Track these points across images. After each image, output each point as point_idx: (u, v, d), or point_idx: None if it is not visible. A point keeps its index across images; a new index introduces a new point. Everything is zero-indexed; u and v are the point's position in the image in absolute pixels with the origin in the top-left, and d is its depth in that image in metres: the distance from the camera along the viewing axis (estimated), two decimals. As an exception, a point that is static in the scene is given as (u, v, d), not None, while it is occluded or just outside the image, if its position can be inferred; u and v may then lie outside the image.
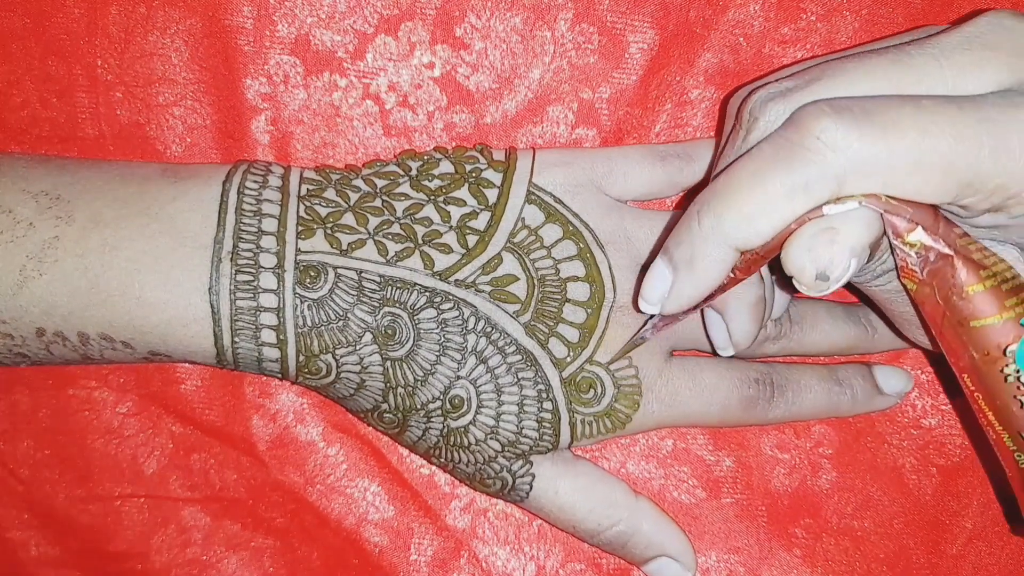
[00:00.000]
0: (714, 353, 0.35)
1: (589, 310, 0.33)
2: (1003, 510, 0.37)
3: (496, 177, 0.34)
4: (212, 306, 0.31)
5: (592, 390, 0.33)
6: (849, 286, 0.32)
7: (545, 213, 0.34)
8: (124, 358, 0.32)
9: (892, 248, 0.26)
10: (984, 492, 0.37)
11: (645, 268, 0.32)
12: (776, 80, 0.28)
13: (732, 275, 0.28)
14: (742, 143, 0.28)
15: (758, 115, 0.27)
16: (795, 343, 0.35)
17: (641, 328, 0.33)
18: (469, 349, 0.32)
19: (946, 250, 0.25)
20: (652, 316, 0.31)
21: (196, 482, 0.37)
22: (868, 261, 0.27)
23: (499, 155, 0.35)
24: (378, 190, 0.33)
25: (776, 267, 0.27)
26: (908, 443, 0.37)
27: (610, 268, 0.34)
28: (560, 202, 0.34)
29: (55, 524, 0.37)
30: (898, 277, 0.27)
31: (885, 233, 0.26)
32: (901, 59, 0.26)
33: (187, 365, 0.37)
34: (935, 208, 0.26)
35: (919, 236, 0.25)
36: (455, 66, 0.36)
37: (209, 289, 0.31)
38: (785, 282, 0.28)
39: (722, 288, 0.28)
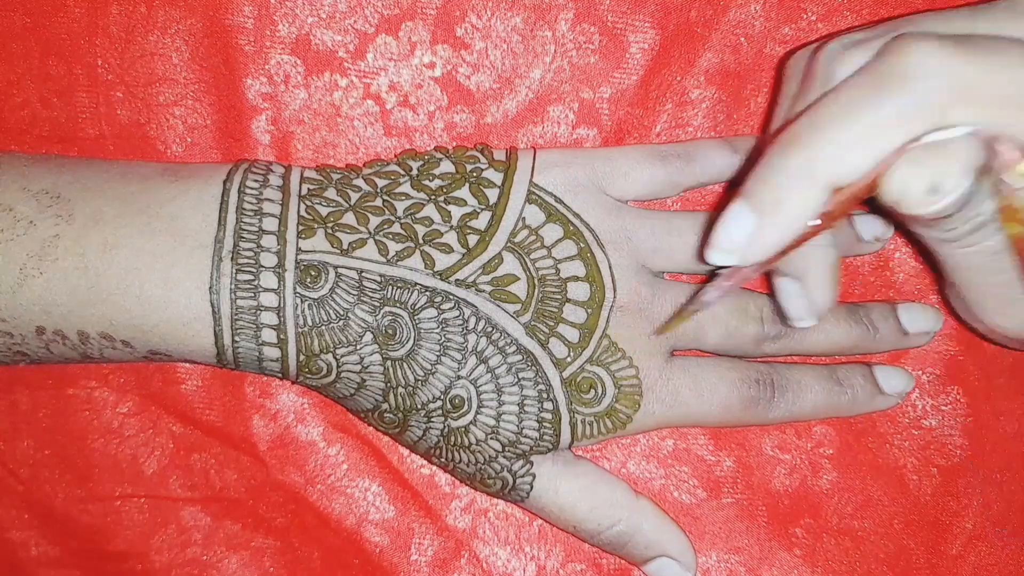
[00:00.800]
0: (714, 353, 0.35)
1: (589, 310, 0.33)
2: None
3: (497, 177, 0.34)
4: (212, 305, 0.31)
5: (593, 390, 0.33)
6: (927, 255, 0.30)
7: (546, 213, 0.34)
8: (124, 357, 0.32)
9: (996, 188, 0.24)
10: (984, 492, 0.37)
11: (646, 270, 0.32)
12: (844, 36, 0.27)
13: (817, 223, 0.26)
14: (821, 91, 0.26)
15: (836, 64, 0.26)
16: (796, 342, 0.35)
17: (699, 291, 0.30)
18: (470, 349, 0.32)
19: None
20: (711, 280, 0.29)
21: (196, 482, 0.37)
22: (968, 204, 0.25)
23: (500, 155, 0.35)
24: (379, 190, 0.33)
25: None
26: (909, 443, 0.37)
27: (610, 268, 0.34)
28: (561, 202, 0.34)
29: (55, 524, 0.37)
30: (1000, 221, 0.25)
31: (986, 172, 0.24)
32: (975, 14, 0.25)
33: (187, 365, 0.37)
34: None
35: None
36: (456, 66, 0.36)
37: (209, 288, 0.31)
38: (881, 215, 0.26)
39: (801, 240, 0.26)
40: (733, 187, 0.36)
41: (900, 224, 0.29)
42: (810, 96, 0.27)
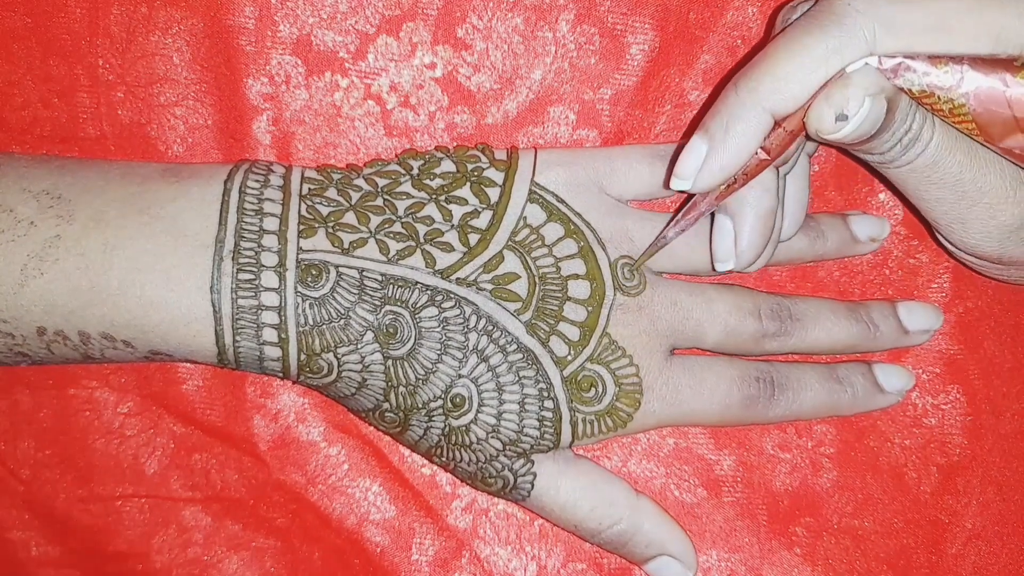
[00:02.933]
0: (714, 352, 0.35)
1: (590, 308, 0.33)
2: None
3: (498, 176, 0.34)
4: (213, 305, 0.31)
5: (593, 389, 0.33)
6: (890, 186, 0.33)
7: (547, 212, 0.34)
8: (125, 357, 0.32)
9: (932, 95, 0.27)
10: (984, 492, 0.37)
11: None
12: None
13: (762, 155, 0.29)
14: None
15: (790, 15, 0.30)
16: (797, 340, 0.35)
17: (664, 228, 0.33)
18: (470, 348, 0.32)
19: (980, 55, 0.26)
20: (674, 218, 0.32)
21: (197, 482, 0.37)
22: (888, 120, 0.28)
23: (500, 154, 0.35)
24: (379, 189, 0.34)
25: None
26: (909, 442, 0.37)
27: (611, 266, 0.34)
28: (562, 201, 0.34)
29: (56, 524, 0.37)
30: (950, 124, 0.28)
31: (906, 91, 0.27)
32: None
33: (188, 365, 0.37)
34: None
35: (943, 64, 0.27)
36: (456, 66, 0.36)
37: (210, 288, 0.31)
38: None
39: (748, 174, 0.30)
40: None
41: (860, 160, 0.32)
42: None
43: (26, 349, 0.32)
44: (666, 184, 0.32)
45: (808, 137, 0.29)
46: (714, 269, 0.33)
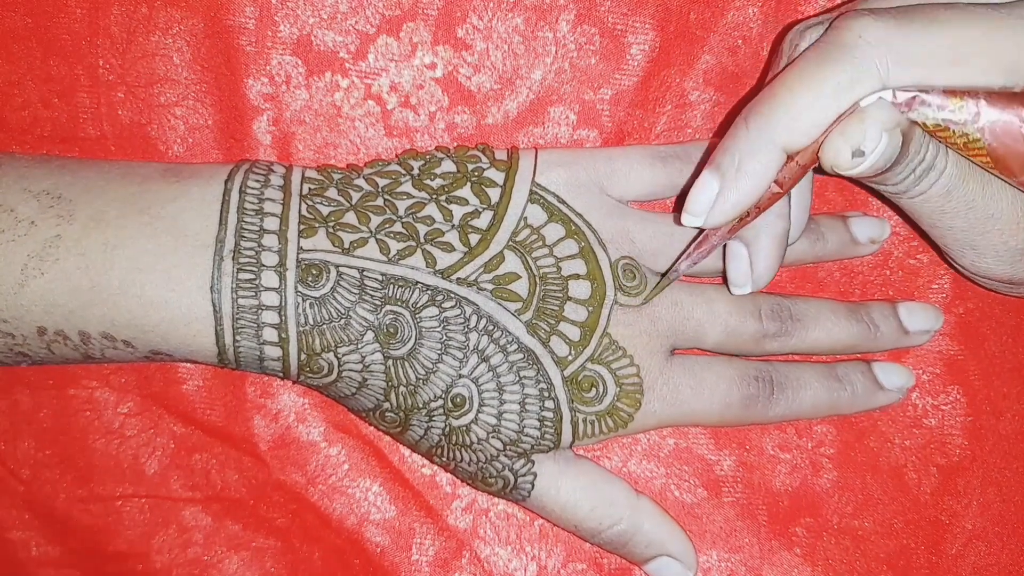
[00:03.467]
0: (714, 352, 0.35)
1: (590, 308, 0.33)
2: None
3: (498, 176, 0.34)
4: (214, 304, 0.31)
5: (594, 389, 0.33)
6: (902, 213, 0.33)
7: (547, 212, 0.34)
8: (125, 357, 0.32)
9: (946, 129, 0.27)
10: (984, 492, 0.37)
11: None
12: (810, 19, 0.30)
13: (775, 188, 0.29)
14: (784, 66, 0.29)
15: (799, 41, 0.29)
16: (797, 340, 0.35)
17: (676, 261, 0.33)
18: (471, 348, 0.32)
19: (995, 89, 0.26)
20: (686, 251, 0.32)
21: (197, 482, 0.37)
22: (903, 152, 0.28)
23: (501, 155, 0.35)
24: (380, 189, 0.34)
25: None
26: (909, 442, 0.37)
27: (611, 266, 0.34)
28: (563, 202, 0.34)
29: (56, 524, 0.37)
30: (965, 156, 0.28)
31: (919, 124, 0.27)
32: None
33: (188, 365, 0.37)
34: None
35: (957, 98, 0.26)
36: (457, 67, 0.36)
37: (211, 288, 0.31)
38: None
39: (760, 207, 0.29)
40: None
41: (871, 190, 0.32)
42: (775, 72, 0.30)
43: (26, 349, 0.32)
44: (677, 220, 0.32)
45: (821, 171, 0.29)
46: (731, 293, 0.33)
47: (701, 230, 0.32)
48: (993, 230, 0.30)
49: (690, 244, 0.33)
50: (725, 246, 0.33)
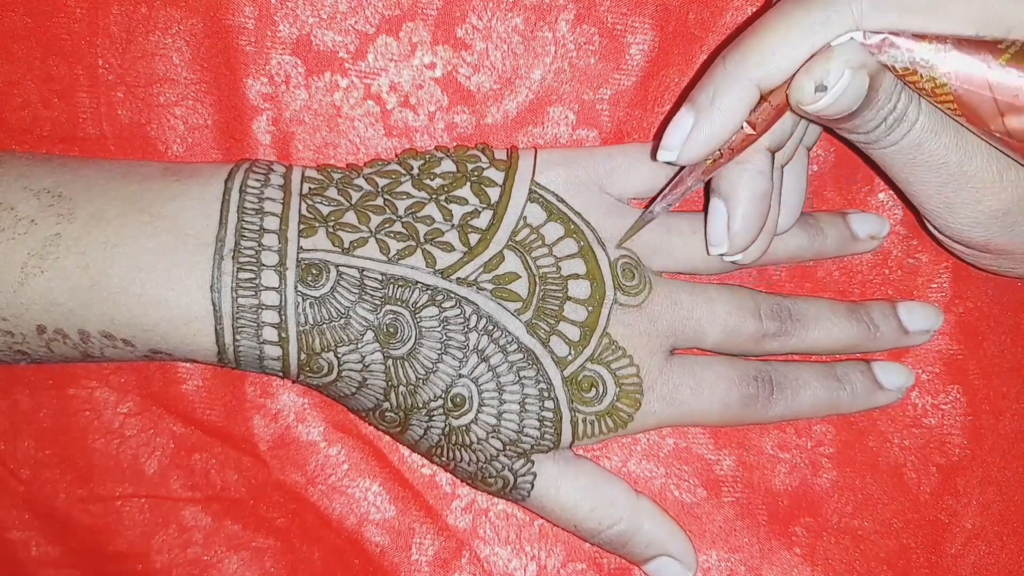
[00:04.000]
0: (714, 352, 0.35)
1: (590, 308, 0.33)
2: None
3: (498, 176, 0.34)
4: (214, 304, 0.31)
5: (593, 389, 0.33)
6: (881, 173, 0.33)
7: (547, 212, 0.34)
8: (125, 356, 0.32)
9: (914, 73, 0.27)
10: (984, 492, 0.37)
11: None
12: None
13: (748, 130, 0.29)
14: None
15: None
16: (797, 340, 0.35)
17: (651, 202, 0.33)
18: (471, 347, 0.32)
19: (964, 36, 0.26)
20: (661, 193, 0.33)
21: (197, 482, 0.37)
22: (872, 97, 0.28)
23: (500, 154, 0.35)
24: (380, 189, 0.34)
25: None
26: (909, 442, 0.37)
27: (611, 266, 0.34)
28: (562, 201, 0.34)
29: (56, 524, 0.37)
30: (933, 103, 0.28)
31: (890, 67, 0.27)
32: None
33: (188, 365, 0.37)
34: None
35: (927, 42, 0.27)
36: (456, 66, 0.36)
37: (211, 287, 0.31)
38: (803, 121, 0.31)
39: (735, 148, 0.30)
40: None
41: (839, 135, 0.32)
42: None
43: (26, 347, 0.32)
44: (653, 156, 0.32)
45: (792, 111, 0.29)
46: (708, 253, 0.33)
47: (678, 172, 0.32)
48: (966, 188, 0.30)
49: (665, 186, 0.33)
50: (707, 207, 0.33)
